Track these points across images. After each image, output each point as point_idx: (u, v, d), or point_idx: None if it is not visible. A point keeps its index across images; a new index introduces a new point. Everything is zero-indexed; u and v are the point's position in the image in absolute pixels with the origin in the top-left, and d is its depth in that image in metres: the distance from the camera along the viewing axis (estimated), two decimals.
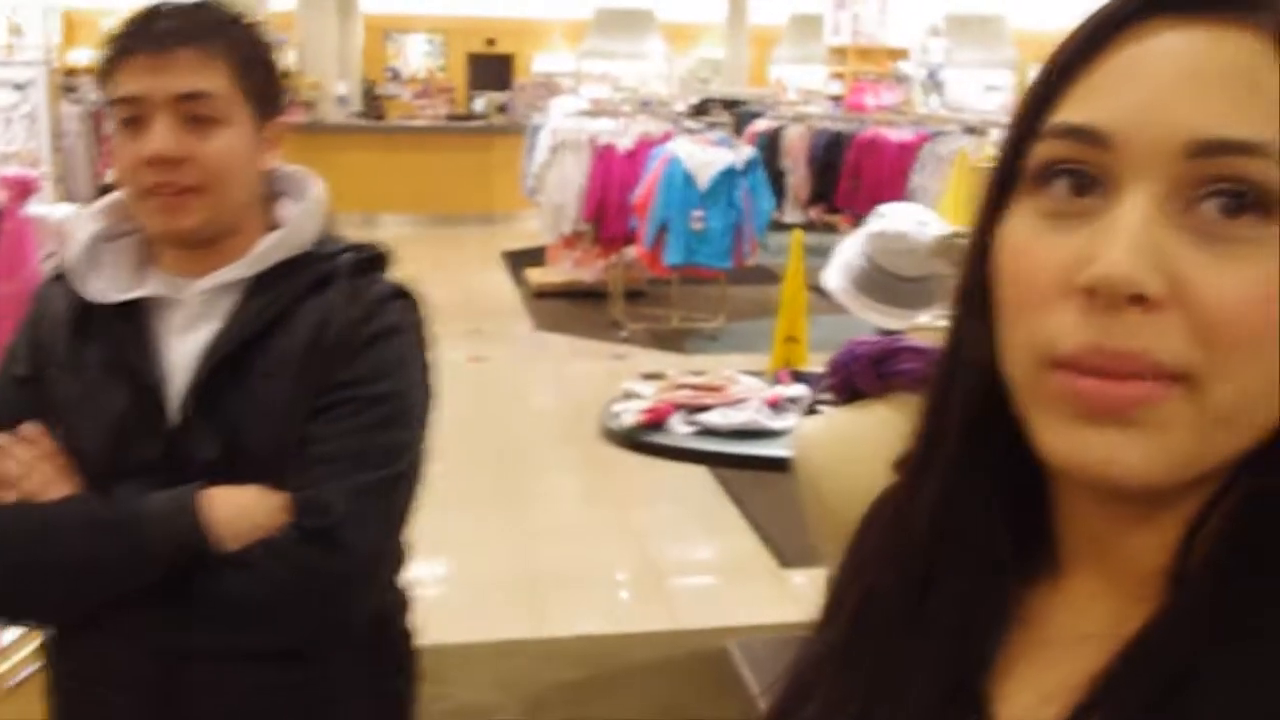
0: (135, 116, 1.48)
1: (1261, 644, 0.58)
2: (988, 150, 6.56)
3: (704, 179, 7.17)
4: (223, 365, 1.49)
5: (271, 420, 1.49)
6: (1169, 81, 0.59)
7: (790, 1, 18.33)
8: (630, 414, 3.21)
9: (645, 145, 7.88)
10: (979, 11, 15.77)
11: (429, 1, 21.29)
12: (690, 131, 8.09)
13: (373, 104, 16.11)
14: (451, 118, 15.00)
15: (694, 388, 3.32)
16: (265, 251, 1.54)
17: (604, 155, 7.93)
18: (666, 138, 7.84)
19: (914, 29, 16.02)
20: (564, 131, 8.18)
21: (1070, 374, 0.59)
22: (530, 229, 10.66)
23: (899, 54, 16.53)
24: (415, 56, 23.53)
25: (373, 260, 1.62)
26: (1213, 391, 0.58)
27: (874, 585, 0.73)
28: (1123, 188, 0.59)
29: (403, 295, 1.61)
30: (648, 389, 3.42)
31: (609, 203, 7.89)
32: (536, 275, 9.96)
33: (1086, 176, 0.60)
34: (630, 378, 3.71)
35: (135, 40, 1.48)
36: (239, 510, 1.44)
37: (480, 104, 16.26)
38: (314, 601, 1.46)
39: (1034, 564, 0.70)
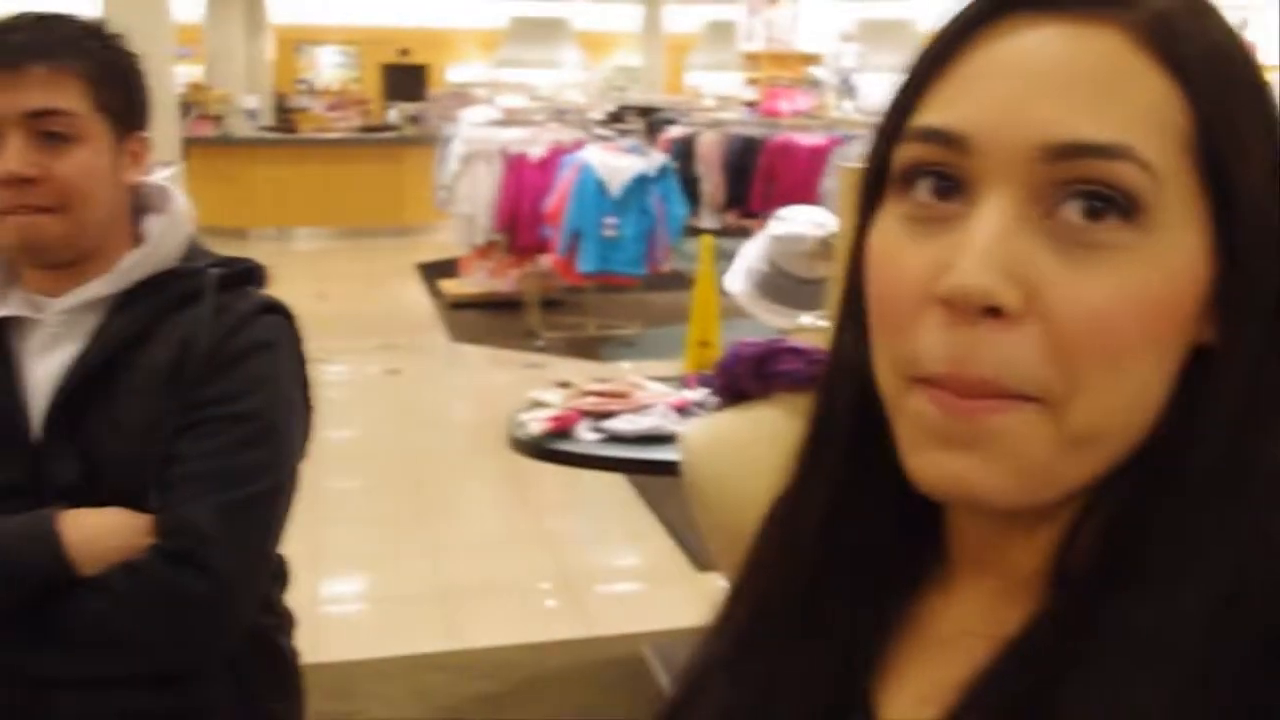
0: None
1: (1128, 645, 0.57)
2: None
3: (616, 186, 7.17)
4: (84, 385, 1.46)
5: (135, 440, 1.45)
6: (1026, 82, 0.57)
7: (705, 9, 18.42)
8: (537, 422, 3.19)
9: (557, 154, 7.87)
10: (890, 17, 15.94)
11: (341, 13, 21.13)
12: (602, 139, 8.09)
13: (284, 117, 15.92)
14: (365, 129, 14.87)
15: (600, 394, 3.31)
16: (128, 268, 1.51)
17: (515, 164, 7.90)
18: (578, 146, 7.83)
19: (827, 34, 16.16)
20: (475, 141, 8.14)
21: (926, 394, 0.57)
22: (444, 240, 10.59)
23: (813, 59, 16.65)
24: (328, 68, 23.33)
25: (241, 275, 1.59)
26: (1072, 410, 0.56)
27: (766, 589, 0.72)
28: (982, 192, 0.57)
29: (273, 310, 1.58)
30: (555, 397, 3.41)
31: (521, 212, 7.87)
32: (452, 287, 9.90)
33: (949, 179, 0.58)
34: (544, 386, 3.71)
35: None
36: (100, 532, 1.40)
37: (393, 115, 16.14)
38: (180, 625, 1.42)
39: (926, 567, 0.69)
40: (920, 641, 0.67)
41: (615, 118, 10.69)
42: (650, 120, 10.58)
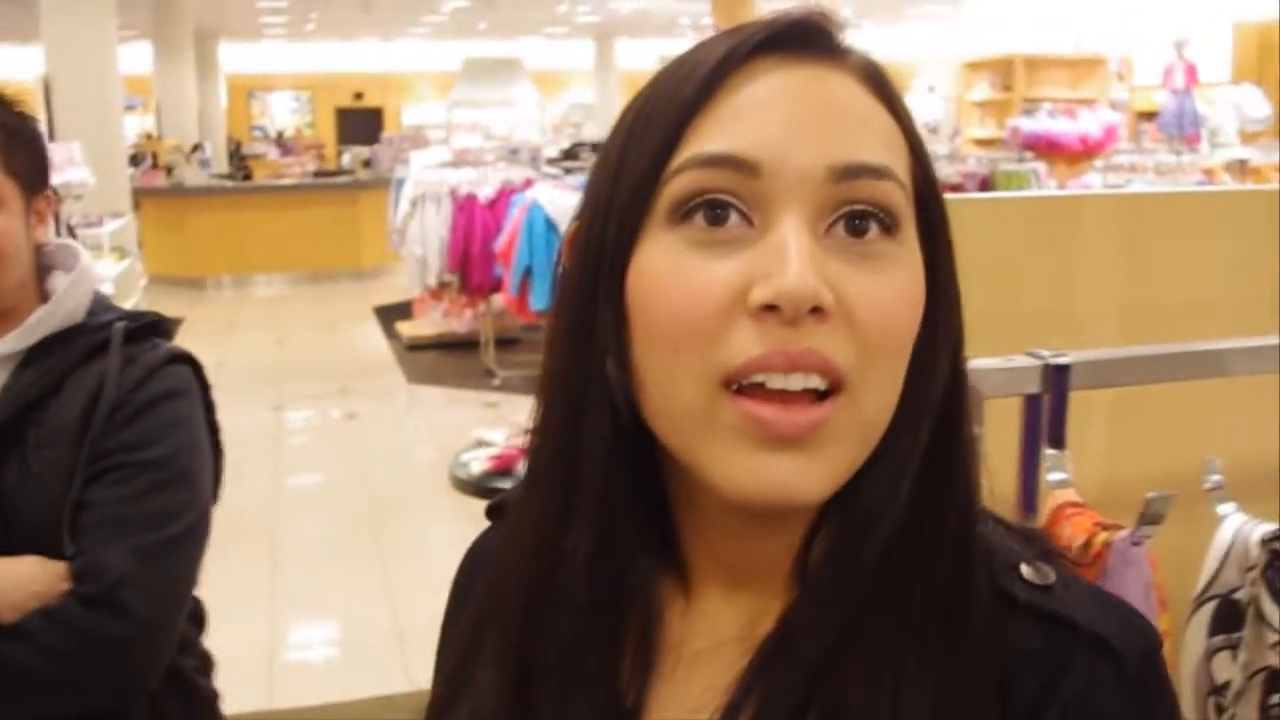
0: None
1: (883, 630, 0.64)
2: None
3: (566, 224, 7.21)
4: None
5: (47, 490, 1.49)
6: (804, 113, 0.64)
7: (657, 43, 18.58)
8: (479, 461, 3.23)
9: (507, 193, 7.92)
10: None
11: (293, 59, 21.17)
12: (551, 177, 8.15)
13: (239, 164, 15.95)
14: (319, 174, 14.87)
15: None
16: (35, 324, 1.56)
17: (465, 205, 7.94)
18: (528, 185, 7.88)
19: None
20: (424, 183, 8.18)
21: (751, 402, 0.62)
22: (401, 283, 10.62)
23: None
24: (282, 114, 23.34)
25: (147, 327, 1.63)
26: (863, 399, 0.63)
27: (522, 642, 0.71)
28: (776, 212, 0.63)
29: (180, 360, 1.62)
30: (499, 436, 3.45)
31: (472, 252, 7.90)
32: (408, 329, 9.92)
33: (724, 206, 0.63)
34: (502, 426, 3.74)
35: None
36: (16, 581, 1.43)
37: (348, 159, 16.19)
38: (100, 667, 1.46)
39: (663, 586, 0.72)
40: (676, 655, 0.71)
41: (570, 154, 10.76)
42: None
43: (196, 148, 14.33)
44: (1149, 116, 13.08)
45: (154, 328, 1.64)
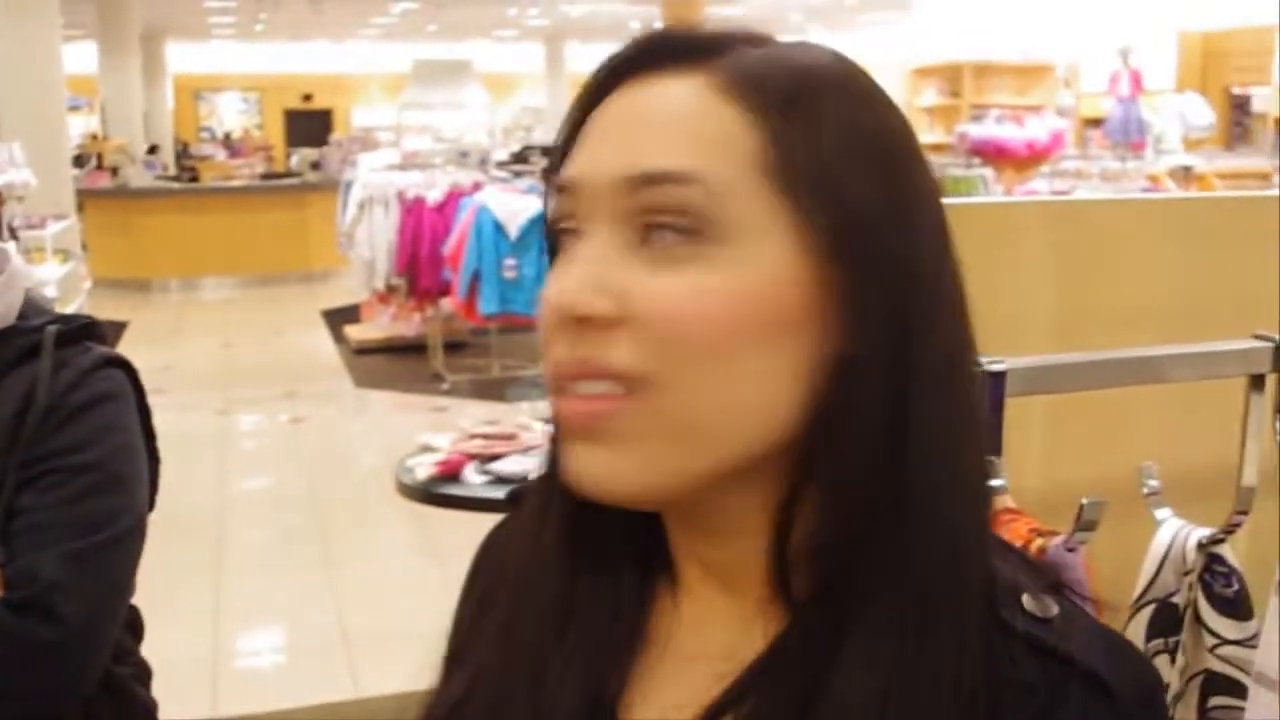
0: None
1: (874, 653, 0.63)
2: None
3: (514, 227, 7.20)
4: None
5: None
6: (614, 129, 0.66)
7: (607, 47, 18.55)
8: (424, 467, 3.21)
9: (455, 196, 7.89)
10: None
11: (241, 60, 20.99)
12: (500, 181, 8.13)
13: (186, 165, 15.80)
14: (266, 176, 14.75)
15: (486, 437, 3.34)
16: None
17: (413, 208, 7.91)
18: (476, 188, 7.86)
19: None
20: (372, 186, 8.14)
21: (557, 399, 0.65)
22: (350, 285, 10.57)
23: None
24: (230, 115, 23.13)
25: (79, 330, 1.59)
26: (667, 398, 0.63)
27: (510, 618, 0.75)
28: (589, 227, 0.65)
29: (113, 363, 1.59)
30: (444, 441, 3.43)
31: (420, 256, 7.87)
32: (356, 332, 9.85)
33: (571, 230, 0.67)
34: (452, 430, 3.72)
35: None
36: None
37: (296, 161, 16.08)
38: (31, 674, 1.42)
39: (656, 585, 0.73)
40: (662, 655, 0.72)
41: (519, 158, 10.74)
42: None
43: (154, 149, 14.17)
44: (1095, 123, 13.24)
45: (87, 331, 1.61)
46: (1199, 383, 1.46)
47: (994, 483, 1.33)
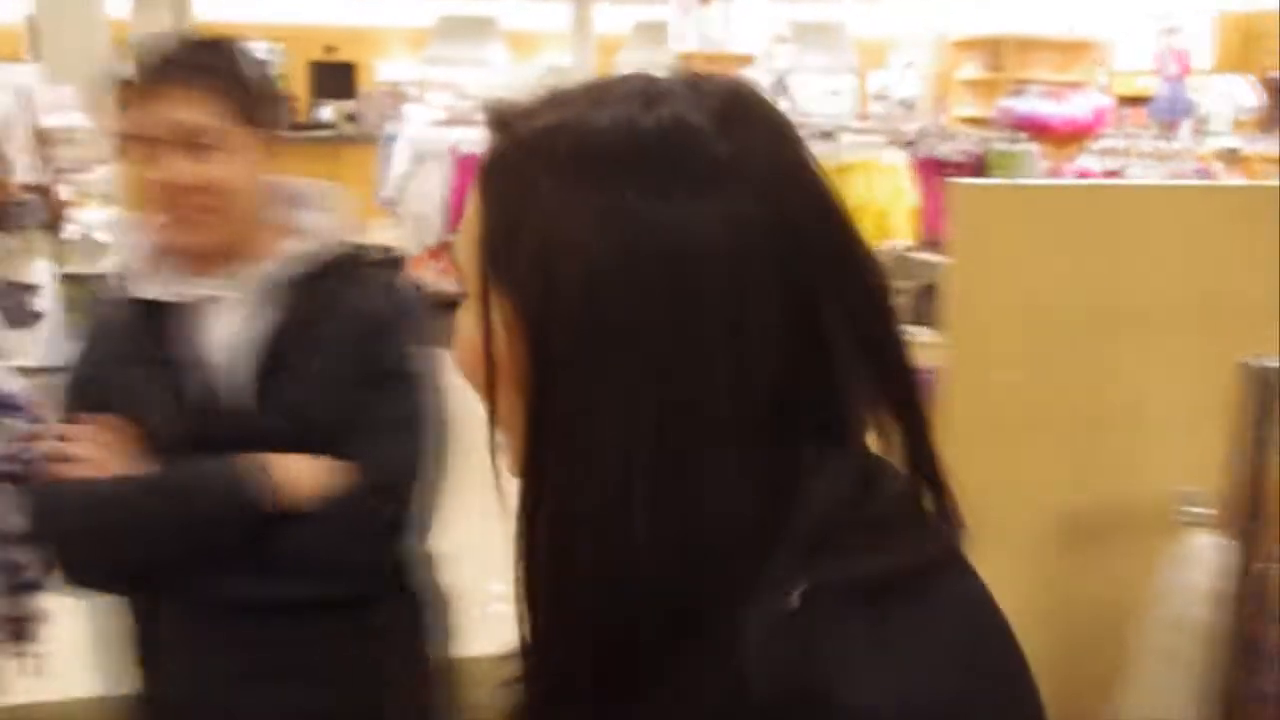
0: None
1: None
2: (842, 156, 6.69)
3: None
4: (279, 350, 1.69)
5: (324, 397, 1.68)
6: None
7: (636, 8, 18.37)
8: None
9: None
10: (823, 19, 16.08)
11: (266, 9, 20.85)
12: None
13: None
14: (295, 127, 14.63)
15: None
16: (303, 255, 1.74)
17: (466, 165, 7.83)
18: None
19: (760, 35, 16.20)
20: (425, 141, 8.06)
21: None
22: (383, 241, 10.46)
23: (746, 60, 16.73)
24: None
25: (396, 260, 1.87)
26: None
27: None
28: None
29: (416, 290, 1.87)
30: None
31: None
32: None
33: None
34: None
35: (140, 79, 1.63)
36: (303, 473, 1.63)
37: (326, 113, 15.96)
38: (374, 550, 1.68)
39: None
40: None
41: None
42: None
43: None
44: (1130, 101, 13.12)
45: (400, 261, 1.89)
46: None
47: None
